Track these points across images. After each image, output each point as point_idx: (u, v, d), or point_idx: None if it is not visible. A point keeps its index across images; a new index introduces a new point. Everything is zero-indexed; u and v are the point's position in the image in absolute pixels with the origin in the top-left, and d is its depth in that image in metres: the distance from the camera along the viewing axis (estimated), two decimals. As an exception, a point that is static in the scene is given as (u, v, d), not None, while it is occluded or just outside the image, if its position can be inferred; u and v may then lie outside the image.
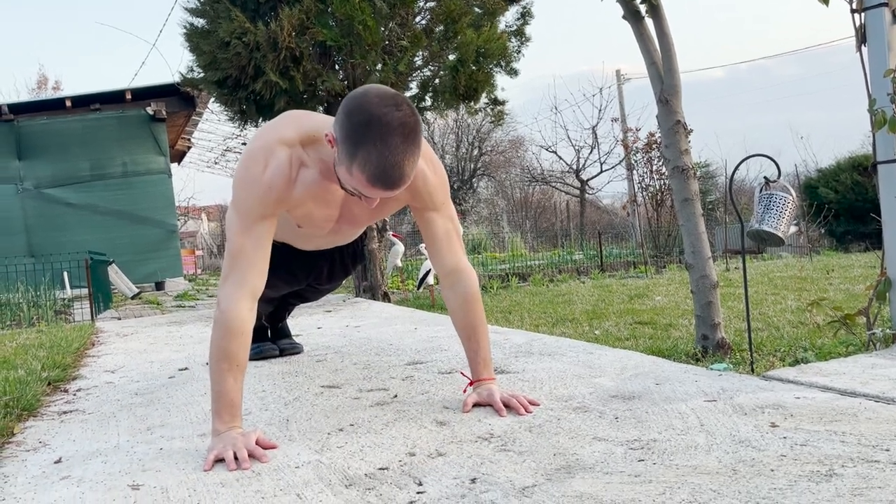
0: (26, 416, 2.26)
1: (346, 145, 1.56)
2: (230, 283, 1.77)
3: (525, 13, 6.45)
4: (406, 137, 1.55)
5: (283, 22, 5.53)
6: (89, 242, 9.79)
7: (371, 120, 1.53)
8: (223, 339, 1.74)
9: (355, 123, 1.55)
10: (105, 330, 5.00)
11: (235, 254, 1.79)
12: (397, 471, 1.51)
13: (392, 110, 1.54)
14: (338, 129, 1.60)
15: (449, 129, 23.05)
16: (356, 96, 1.59)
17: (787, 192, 2.29)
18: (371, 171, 1.54)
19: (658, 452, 1.49)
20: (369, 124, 1.53)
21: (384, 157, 1.53)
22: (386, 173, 1.55)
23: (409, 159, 1.56)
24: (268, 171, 1.76)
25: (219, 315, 1.76)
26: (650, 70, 2.61)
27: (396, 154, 1.54)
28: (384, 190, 1.59)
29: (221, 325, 1.75)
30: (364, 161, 1.54)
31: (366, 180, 1.56)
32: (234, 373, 1.74)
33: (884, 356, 2.25)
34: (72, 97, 11.07)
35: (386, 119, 1.53)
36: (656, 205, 11.40)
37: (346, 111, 1.58)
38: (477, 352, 2.02)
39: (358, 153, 1.54)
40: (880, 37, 2.38)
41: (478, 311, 2.02)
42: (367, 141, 1.53)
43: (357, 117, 1.55)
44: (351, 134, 1.55)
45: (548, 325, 3.88)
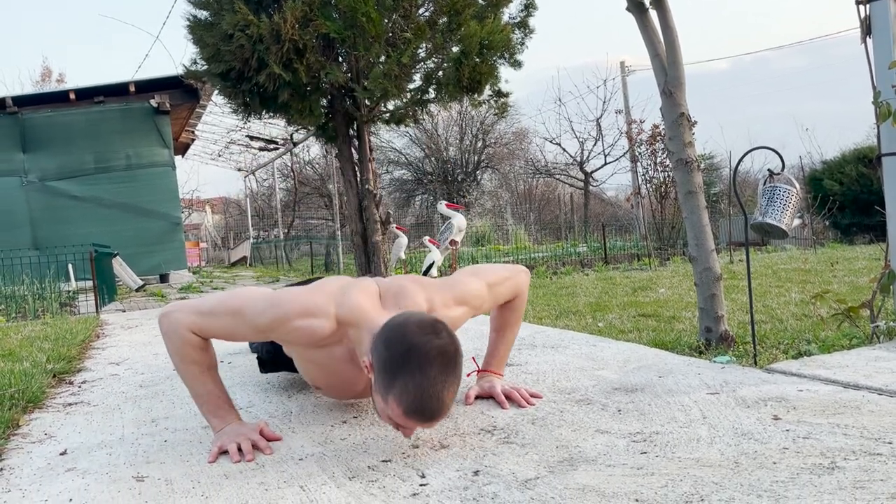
0: (32, 408, 2.27)
1: (384, 375, 1.48)
2: (188, 319, 1.70)
3: (529, 5, 6.42)
4: (445, 367, 1.46)
5: (286, 14, 5.52)
6: (94, 235, 9.80)
7: (410, 349, 1.45)
8: (182, 347, 1.70)
9: (393, 353, 1.47)
10: (110, 322, 5.02)
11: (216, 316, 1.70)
12: (400, 463, 1.51)
13: (432, 339, 1.47)
14: (375, 357, 1.52)
15: (453, 121, 22.99)
16: (395, 323, 1.53)
17: (790, 184, 2.28)
18: (408, 402, 1.45)
19: (660, 445, 1.50)
20: (408, 354, 1.45)
21: (423, 388, 1.44)
22: (424, 405, 1.45)
23: (449, 390, 1.47)
24: (299, 323, 1.67)
25: (167, 327, 1.71)
26: (654, 62, 2.60)
27: (436, 385, 1.44)
28: (421, 423, 1.50)
29: (171, 341, 1.71)
30: (401, 392, 1.45)
31: (402, 412, 1.46)
32: (209, 373, 1.73)
33: (887, 349, 2.25)
34: (75, 90, 11.07)
35: (425, 349, 1.45)
36: (660, 197, 11.37)
37: (384, 340, 1.51)
38: (498, 346, 2.05)
39: (395, 384, 1.45)
40: (885, 29, 2.37)
41: (516, 314, 2.03)
42: (405, 371, 1.45)
43: (395, 347, 1.48)
44: (389, 363, 1.47)
45: (551, 317, 3.88)
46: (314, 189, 21.07)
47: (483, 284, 1.90)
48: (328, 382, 1.87)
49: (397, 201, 23.21)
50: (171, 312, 1.72)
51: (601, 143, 21.52)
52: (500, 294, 1.95)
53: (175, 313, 1.71)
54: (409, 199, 23.81)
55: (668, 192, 11.11)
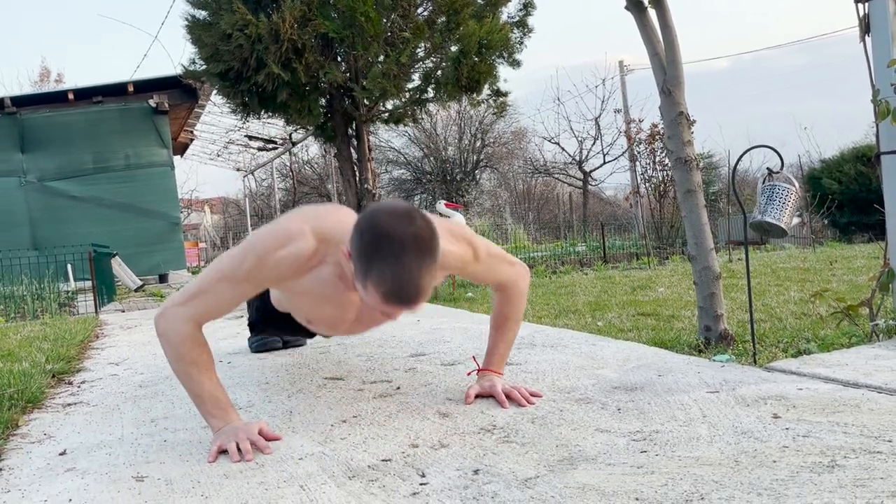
0: (31, 409, 2.27)
1: (361, 262, 1.51)
2: (183, 309, 1.70)
3: (527, 4, 6.42)
4: (421, 252, 1.49)
5: (284, 14, 5.52)
6: (93, 235, 9.79)
7: (383, 236, 1.48)
8: (180, 346, 1.69)
9: (368, 240, 1.50)
10: (109, 322, 5.02)
11: (204, 293, 1.71)
12: (400, 462, 1.51)
13: (405, 224, 1.50)
14: (352, 246, 1.55)
15: (451, 121, 23.00)
16: (369, 213, 1.55)
17: (789, 183, 2.28)
18: (386, 287, 1.48)
19: (660, 444, 1.50)
20: (381, 240, 1.48)
21: (399, 273, 1.47)
22: (402, 290, 1.48)
23: (426, 274, 1.50)
24: (282, 252, 1.68)
25: (164, 328, 1.70)
26: (653, 61, 2.60)
27: (412, 270, 1.47)
28: (402, 306, 1.53)
29: (168, 341, 1.70)
30: (378, 278, 1.48)
31: (381, 298, 1.50)
32: (206, 373, 1.72)
33: (887, 347, 2.25)
34: (74, 90, 11.06)
35: (399, 234, 1.48)
36: (659, 196, 11.39)
37: (358, 229, 1.54)
38: (497, 345, 2.05)
39: (371, 270, 1.49)
40: (884, 27, 2.37)
41: (516, 309, 2.03)
42: (380, 257, 1.48)
43: (370, 234, 1.51)
44: (364, 250, 1.51)
45: (551, 316, 3.88)
46: (313, 189, 21.08)
47: (483, 244, 1.91)
48: (321, 313, 1.89)
49: (396, 201, 23.19)
50: (166, 309, 1.72)
51: (600, 143, 21.53)
52: (496, 267, 1.94)
53: (169, 309, 1.72)
54: (408, 198, 23.82)
55: (666, 191, 11.12)
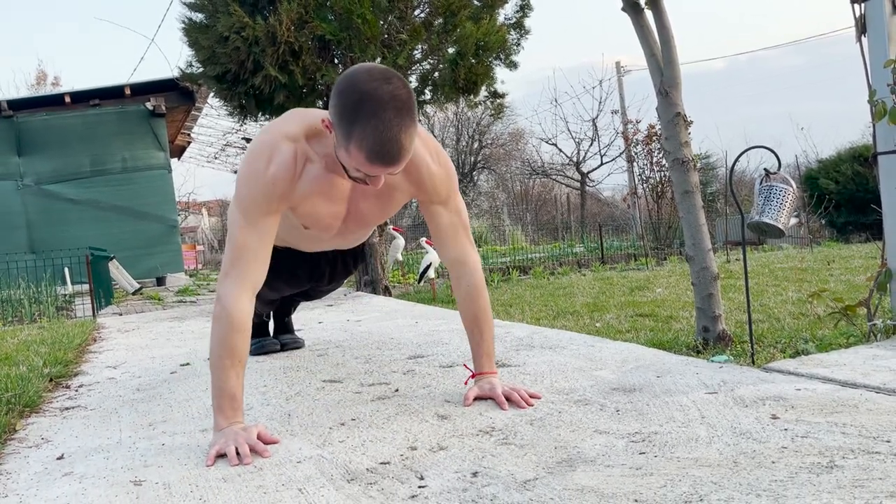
0: (28, 413, 2.27)
1: (342, 125, 1.56)
2: (231, 279, 1.77)
3: (524, 5, 6.42)
4: (399, 111, 1.53)
5: (281, 16, 5.52)
6: (90, 238, 9.78)
7: (362, 97, 1.52)
8: (225, 334, 1.74)
9: (347, 103, 1.55)
10: (106, 326, 5.01)
11: (237, 249, 1.78)
12: (399, 465, 1.51)
13: (382, 84, 1.53)
14: (332, 111, 1.60)
15: (449, 123, 23.01)
16: (346, 75, 1.59)
17: (787, 183, 2.29)
18: (368, 147, 1.53)
19: (659, 445, 1.50)
20: (360, 101, 1.52)
21: (379, 132, 1.52)
22: (384, 148, 1.54)
23: (405, 132, 1.55)
24: (272, 167, 1.76)
25: (220, 311, 1.76)
26: (650, 62, 2.60)
27: (392, 128, 1.52)
28: (384, 166, 1.58)
29: (223, 321, 1.74)
30: (360, 139, 1.53)
31: (364, 158, 1.55)
32: (235, 368, 1.74)
33: (885, 347, 2.25)
34: (71, 93, 11.06)
35: (377, 94, 1.52)
36: (657, 197, 11.40)
37: (337, 92, 1.58)
38: (480, 344, 2.03)
39: (353, 131, 1.54)
40: (880, 27, 2.38)
41: (481, 303, 2.02)
42: (360, 118, 1.52)
43: (348, 96, 1.55)
44: (344, 113, 1.55)
45: (549, 317, 3.88)
46: (311, 191, 21.03)
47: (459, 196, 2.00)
48: (318, 213, 1.94)
49: (394, 203, 23.16)
50: (219, 290, 1.77)
51: (597, 144, 21.57)
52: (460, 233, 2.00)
53: (221, 288, 1.77)
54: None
55: (664, 192, 11.14)
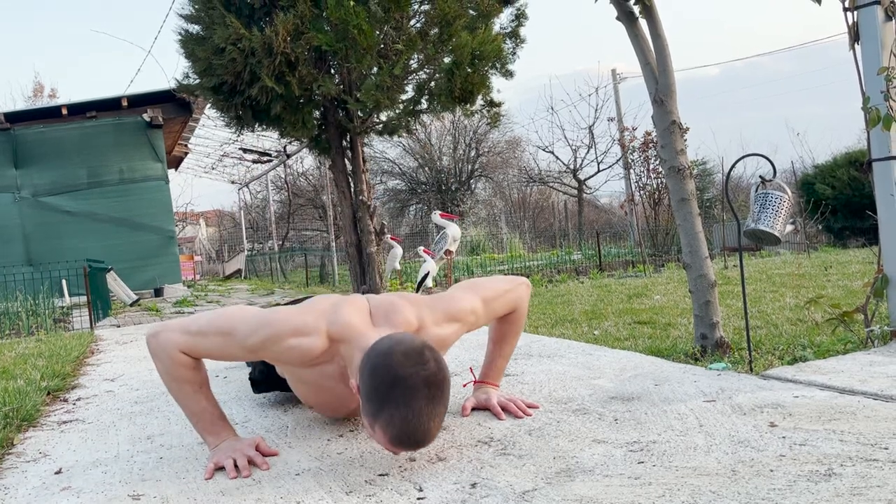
0: (26, 427, 2.26)
1: (371, 403, 1.48)
2: (178, 338, 1.69)
3: (519, 15, 6.45)
4: (432, 399, 1.46)
5: (277, 27, 5.53)
6: (88, 250, 9.78)
7: (395, 382, 1.44)
8: (172, 368, 1.69)
9: (379, 384, 1.46)
10: (104, 338, 5.00)
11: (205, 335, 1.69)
12: (397, 476, 1.51)
13: (417, 369, 1.46)
14: (362, 383, 1.52)
15: (446, 131, 23.03)
16: (381, 351, 1.50)
17: (782, 190, 2.30)
18: (393, 434, 1.45)
19: (657, 454, 1.50)
20: (393, 386, 1.44)
21: (408, 421, 1.43)
22: (410, 437, 1.45)
23: (435, 420, 1.47)
24: (292, 342, 1.67)
25: (156, 346, 1.70)
26: (645, 70, 2.61)
27: (421, 416, 1.44)
28: (407, 450, 1.52)
29: (160, 361, 1.70)
30: (387, 423, 1.45)
31: (388, 441, 1.47)
32: (202, 391, 1.72)
33: (882, 353, 2.26)
34: (68, 105, 11.06)
35: (411, 381, 1.44)
36: (654, 204, 11.42)
37: (370, 367, 1.50)
38: (495, 359, 2.04)
39: (381, 414, 1.45)
40: (873, 35, 2.39)
41: (516, 322, 2.01)
42: (390, 403, 1.44)
43: (381, 378, 1.46)
44: (375, 393, 1.47)
45: (547, 326, 3.88)
46: (308, 201, 21.07)
47: (478, 300, 1.88)
48: (321, 401, 1.87)
49: (391, 211, 23.21)
50: (160, 332, 1.71)
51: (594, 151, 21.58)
52: (496, 309, 1.94)
53: (163, 333, 1.70)
54: (403, 209, 23.82)
55: (661, 199, 11.15)
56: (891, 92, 2.33)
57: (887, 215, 2.42)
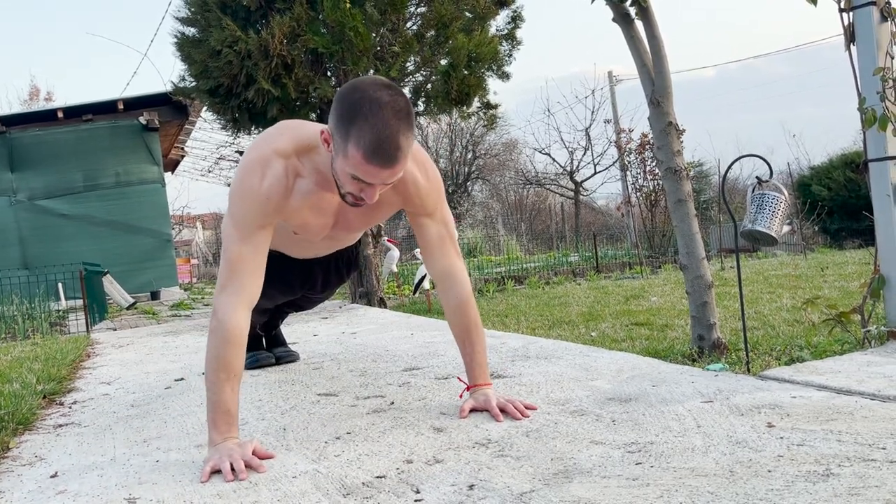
0: (22, 431, 2.25)
1: (340, 126, 1.61)
2: (228, 292, 1.78)
3: (516, 17, 6.46)
4: (398, 114, 1.58)
5: (274, 30, 5.53)
6: (84, 253, 9.76)
7: (363, 98, 1.58)
8: (221, 348, 1.74)
9: (347, 104, 1.60)
10: (100, 341, 4.98)
11: (233, 262, 1.80)
12: (395, 479, 1.50)
13: (383, 89, 1.60)
14: (331, 116, 1.64)
15: (442, 133, 23.06)
16: (349, 83, 1.67)
17: (779, 191, 2.30)
18: (366, 144, 1.56)
19: (655, 455, 1.49)
20: (361, 101, 1.58)
21: (377, 129, 1.56)
22: (381, 146, 1.57)
23: (403, 135, 1.59)
24: (265, 182, 1.79)
25: (216, 325, 1.76)
26: (641, 72, 2.62)
27: (390, 127, 1.57)
28: (381, 166, 1.60)
29: (219, 335, 1.75)
30: (358, 137, 1.57)
31: (361, 156, 1.58)
32: (231, 382, 1.74)
33: (879, 354, 2.26)
34: (64, 108, 11.05)
35: (377, 96, 1.58)
36: (650, 205, 11.44)
37: (338, 97, 1.64)
38: (472, 356, 2.02)
39: (352, 130, 1.58)
40: (869, 35, 2.39)
41: (471, 314, 2.02)
42: (359, 117, 1.57)
43: (349, 98, 1.61)
44: (343, 114, 1.60)
45: (544, 327, 3.88)
46: (305, 203, 21.02)
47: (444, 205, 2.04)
48: (306, 222, 1.98)
49: (388, 214, 23.19)
50: (215, 303, 1.79)
51: (590, 153, 21.63)
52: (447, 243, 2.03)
53: (217, 301, 1.79)
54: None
55: (658, 201, 11.17)
56: (887, 92, 2.33)
57: (883, 216, 2.43)
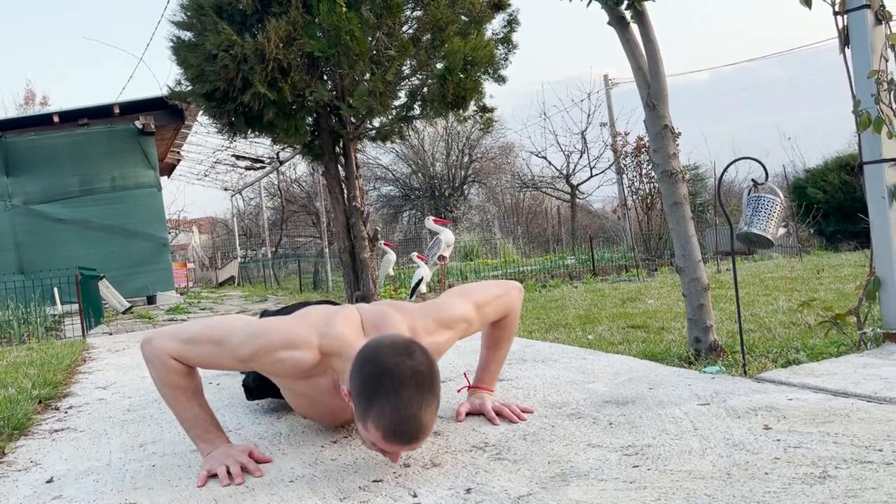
0: (17, 436, 2.24)
1: (361, 400, 1.48)
2: (170, 345, 1.69)
3: (511, 20, 6.46)
4: (420, 387, 1.45)
5: (270, 34, 5.53)
6: (80, 258, 9.73)
7: (383, 372, 1.45)
8: (166, 374, 1.68)
9: (367, 378, 1.47)
10: (96, 346, 4.97)
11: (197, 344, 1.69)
12: (392, 483, 1.50)
13: (404, 360, 1.46)
14: (352, 383, 1.52)
15: (439, 137, 23.04)
16: (369, 346, 1.53)
17: (774, 194, 2.30)
18: (386, 426, 1.44)
19: (652, 458, 1.49)
20: (381, 377, 1.45)
21: (398, 411, 1.43)
22: (402, 427, 1.44)
23: (426, 410, 1.46)
24: (283, 354, 1.66)
25: (149, 352, 1.69)
26: (636, 75, 2.62)
27: (411, 406, 1.43)
28: (402, 445, 1.49)
29: (154, 367, 1.69)
30: (378, 416, 1.44)
31: (381, 436, 1.45)
32: (195, 398, 1.71)
33: (875, 355, 2.26)
34: (60, 112, 11.02)
35: (398, 370, 1.45)
36: (646, 208, 11.45)
37: (358, 363, 1.51)
38: (489, 364, 2.04)
39: (372, 408, 1.45)
40: (863, 38, 2.40)
41: (509, 327, 2.01)
42: (379, 395, 1.44)
43: (369, 371, 1.48)
44: (364, 388, 1.47)
45: (541, 330, 3.88)
46: (301, 207, 21.04)
47: (470, 306, 1.87)
48: (315, 412, 1.87)
49: (385, 217, 23.21)
50: (153, 339, 1.70)
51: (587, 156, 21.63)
52: (489, 314, 1.93)
53: (156, 339, 1.70)
54: (396, 215, 23.82)
55: (654, 203, 11.18)
56: (881, 95, 2.34)
57: (879, 218, 2.43)
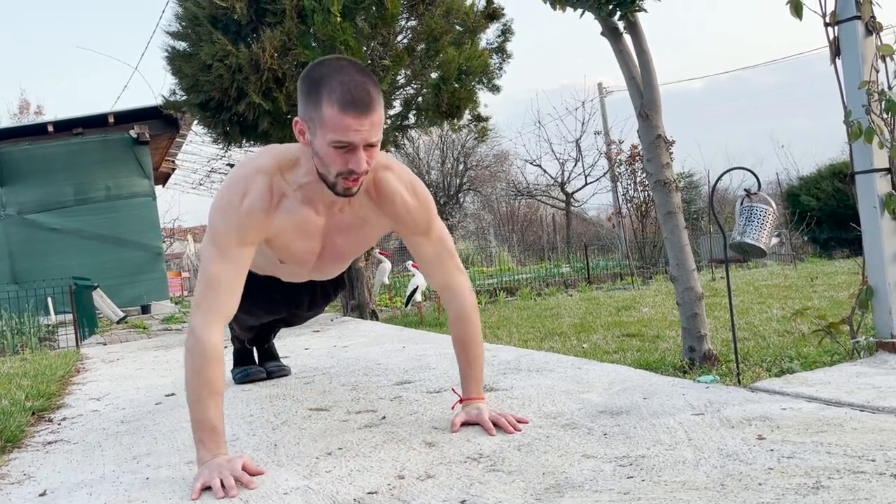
0: (10, 448, 2.23)
1: (311, 98, 1.63)
2: (203, 310, 1.75)
3: (505, 30, 6.49)
4: (362, 70, 1.64)
5: (264, 44, 5.54)
6: (74, 267, 9.70)
7: (323, 66, 1.65)
8: (201, 366, 1.71)
9: (312, 77, 1.65)
10: (90, 356, 4.95)
11: (210, 280, 1.76)
12: (386, 494, 1.50)
13: (343, 59, 1.68)
14: (300, 100, 1.67)
15: (434, 146, 23.11)
16: (308, 64, 1.72)
17: (767, 203, 2.31)
18: (338, 98, 1.58)
19: (647, 469, 1.49)
20: (323, 69, 1.64)
21: (346, 82, 1.59)
22: (354, 95, 1.59)
23: (372, 83, 1.63)
24: (246, 199, 1.77)
25: (193, 343, 1.73)
26: (630, 85, 2.64)
27: (356, 77, 1.61)
28: (358, 115, 1.60)
29: (198, 353, 1.72)
30: (329, 95, 1.59)
31: (337, 111, 1.59)
32: (213, 399, 1.72)
33: (868, 364, 2.27)
34: (54, 122, 11.03)
35: (337, 61, 1.66)
36: (641, 216, 11.48)
37: (302, 77, 1.68)
38: (468, 370, 2.04)
39: (322, 93, 1.60)
40: (854, 49, 2.42)
41: (470, 329, 2.03)
42: (325, 79, 1.61)
43: (312, 73, 1.66)
44: (311, 86, 1.64)
45: (536, 339, 3.88)
46: (296, 216, 21.00)
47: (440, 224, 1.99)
48: (293, 247, 1.94)
49: (380, 226, 23.18)
50: (193, 327, 1.76)
51: (581, 164, 21.72)
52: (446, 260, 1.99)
53: (192, 319, 1.77)
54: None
55: (648, 211, 11.22)
56: (872, 105, 2.36)
57: (870, 227, 2.45)
